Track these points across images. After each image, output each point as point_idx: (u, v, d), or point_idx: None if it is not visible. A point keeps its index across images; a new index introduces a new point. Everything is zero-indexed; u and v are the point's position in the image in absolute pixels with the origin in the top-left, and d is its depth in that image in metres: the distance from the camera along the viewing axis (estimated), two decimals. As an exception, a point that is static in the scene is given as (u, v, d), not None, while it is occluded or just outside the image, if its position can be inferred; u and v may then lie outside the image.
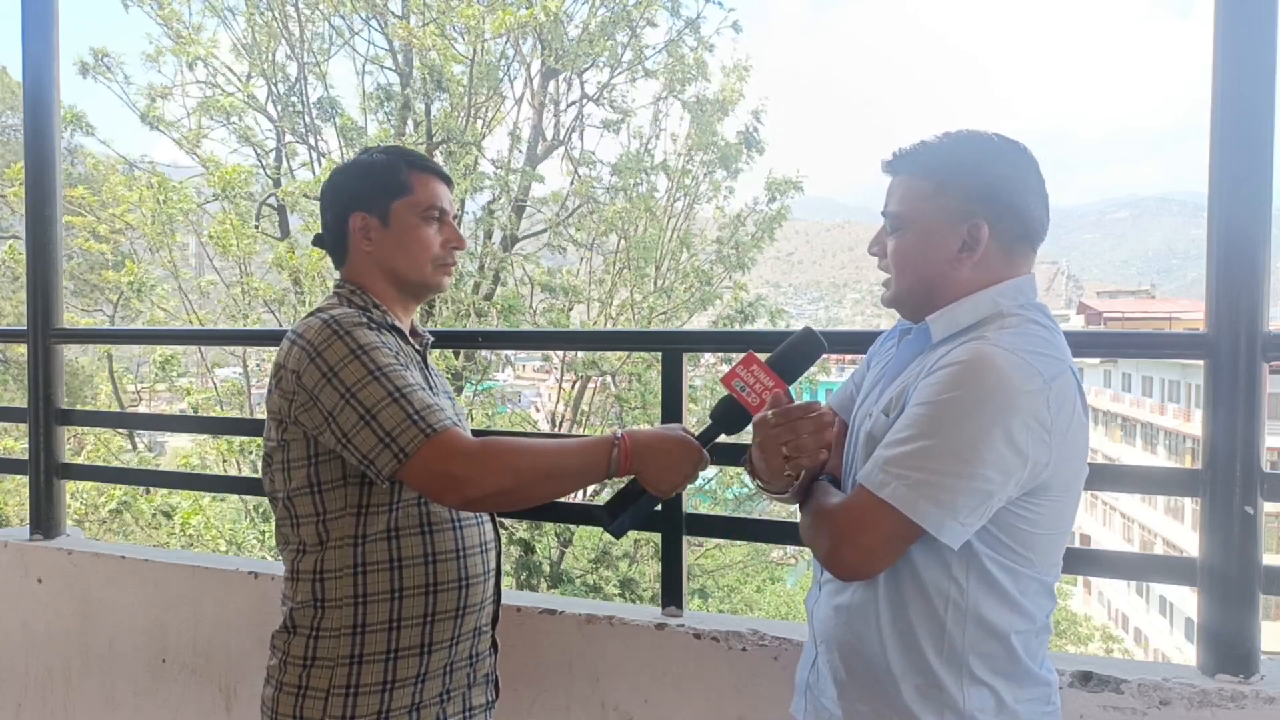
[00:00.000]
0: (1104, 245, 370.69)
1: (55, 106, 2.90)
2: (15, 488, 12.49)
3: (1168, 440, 33.64)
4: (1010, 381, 1.18)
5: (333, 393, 1.42)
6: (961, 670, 1.25)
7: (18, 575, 2.81)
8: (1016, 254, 1.33)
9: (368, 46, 11.04)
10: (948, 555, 1.23)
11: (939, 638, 1.25)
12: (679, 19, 11.02)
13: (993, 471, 1.16)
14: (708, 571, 11.58)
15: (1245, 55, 1.68)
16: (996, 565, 1.24)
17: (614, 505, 1.45)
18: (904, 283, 1.36)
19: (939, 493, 1.16)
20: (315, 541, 1.52)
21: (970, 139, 1.33)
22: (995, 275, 1.31)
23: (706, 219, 11.67)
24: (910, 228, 1.33)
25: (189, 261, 11.24)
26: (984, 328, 1.28)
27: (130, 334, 7.81)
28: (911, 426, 1.21)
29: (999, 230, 1.30)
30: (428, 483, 1.42)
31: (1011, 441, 1.17)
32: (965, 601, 1.24)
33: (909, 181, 1.35)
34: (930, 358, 1.28)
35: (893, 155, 1.38)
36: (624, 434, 1.44)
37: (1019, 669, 1.27)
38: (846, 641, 1.34)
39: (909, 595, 1.27)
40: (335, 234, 1.65)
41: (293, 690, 1.51)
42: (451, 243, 1.66)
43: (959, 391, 1.18)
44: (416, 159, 1.66)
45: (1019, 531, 1.23)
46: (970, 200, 1.29)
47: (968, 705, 1.24)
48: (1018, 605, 1.26)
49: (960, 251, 1.30)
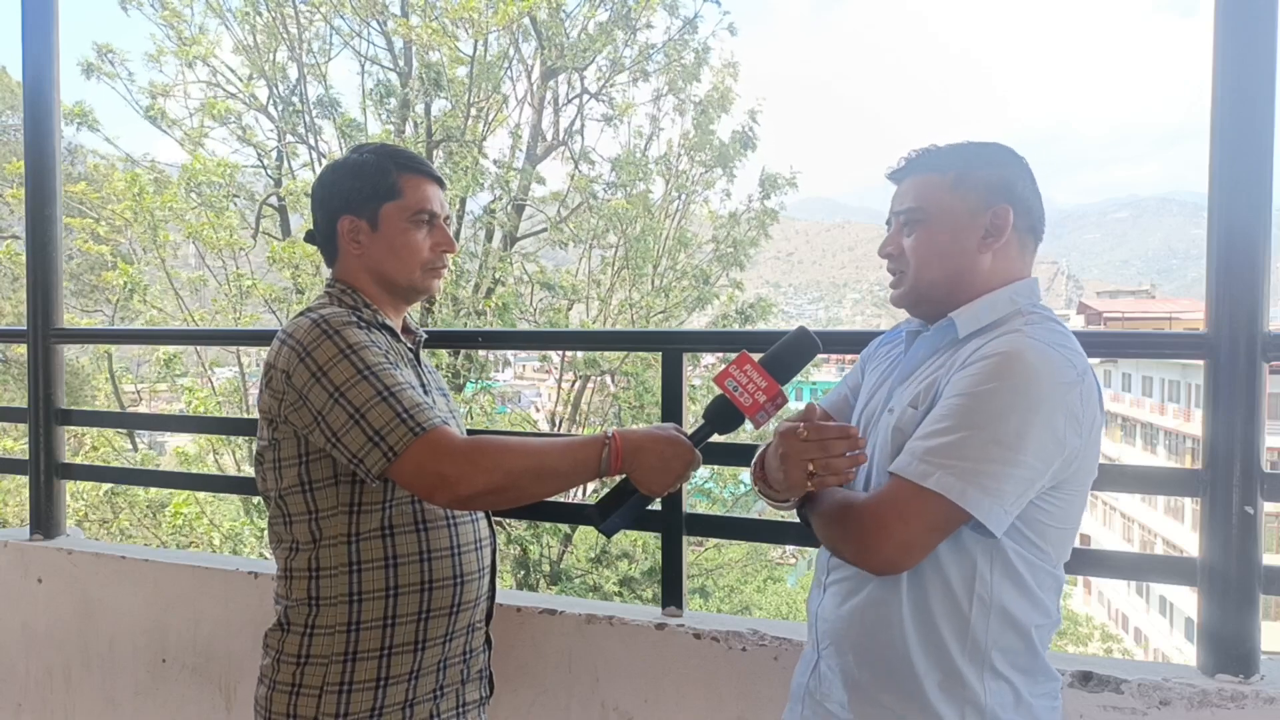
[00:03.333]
0: (1104, 245, 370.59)
1: (55, 106, 2.90)
2: (15, 487, 12.49)
3: (1168, 440, 33.65)
4: (1049, 373, 1.21)
5: (322, 392, 1.42)
6: (984, 665, 1.26)
7: (18, 575, 2.81)
8: (1028, 248, 1.37)
9: (368, 46, 11.06)
10: (974, 548, 1.25)
11: (963, 632, 1.26)
12: (677, 19, 11.05)
13: (1035, 460, 1.19)
14: (707, 571, 11.58)
15: (1246, 55, 1.67)
16: (1019, 558, 1.26)
17: (605, 505, 1.44)
18: (927, 276, 1.36)
19: (986, 480, 1.17)
20: (308, 540, 1.52)
21: (977, 142, 1.37)
22: (1010, 269, 1.35)
23: (704, 218, 11.68)
24: (932, 220, 1.35)
25: (188, 261, 11.24)
26: (1007, 324, 1.30)
27: (130, 334, 7.81)
28: (951, 417, 1.21)
29: (1018, 217, 1.34)
30: (417, 482, 1.41)
31: (1052, 430, 1.19)
32: (990, 595, 1.25)
33: (925, 179, 1.36)
34: (961, 352, 1.29)
35: (902, 161, 1.40)
36: (615, 434, 1.43)
37: (1036, 664, 1.29)
38: (862, 642, 1.33)
39: (932, 590, 1.27)
40: (325, 235, 1.64)
41: (286, 688, 1.51)
42: (441, 246, 1.64)
43: (1001, 382, 1.20)
44: (406, 159, 1.63)
45: (1040, 525, 1.25)
46: (990, 190, 1.33)
47: (989, 700, 1.26)
48: (1037, 599, 1.28)
49: (985, 238, 1.33)
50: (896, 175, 1.41)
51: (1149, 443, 35.07)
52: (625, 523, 1.44)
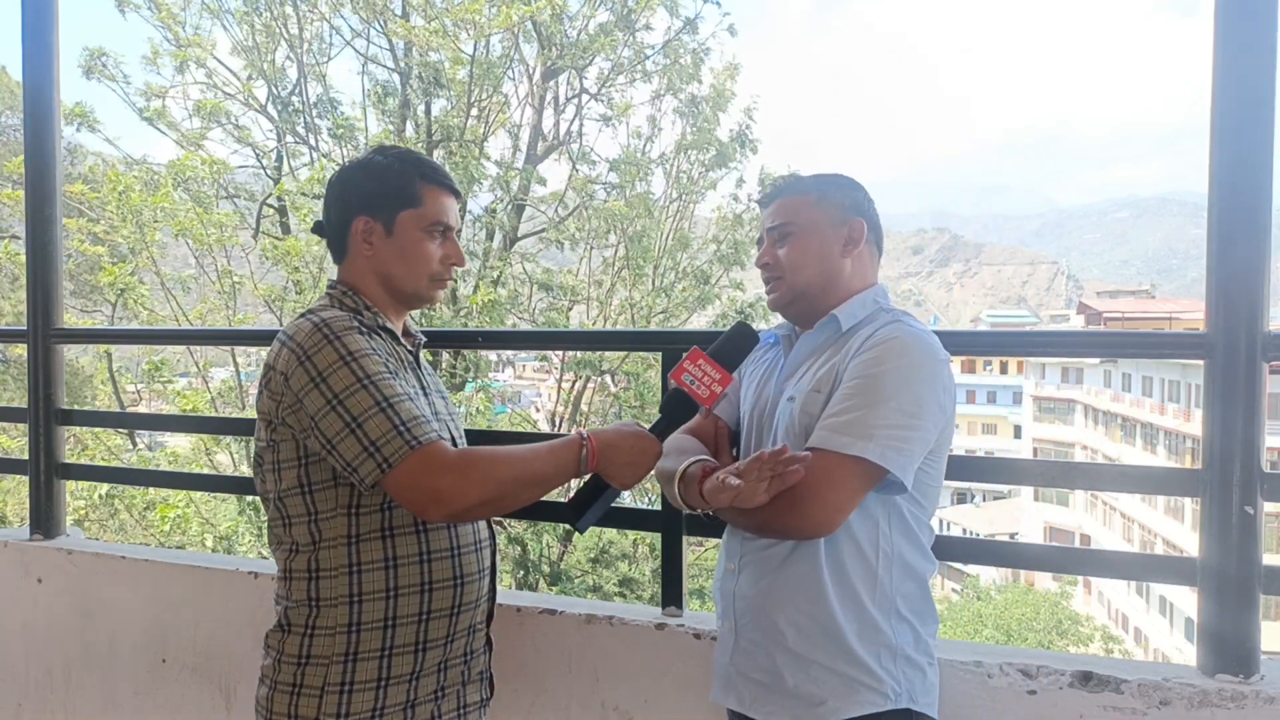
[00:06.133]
0: (1104, 245, 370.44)
1: (55, 106, 2.90)
2: (15, 487, 12.49)
3: (1168, 440, 33.64)
4: (933, 352, 1.46)
5: (319, 398, 1.42)
6: (890, 611, 1.47)
7: (18, 575, 2.81)
8: (875, 259, 1.64)
9: (367, 46, 11.06)
10: (875, 509, 1.46)
11: (872, 584, 1.47)
12: (677, 18, 11.04)
13: (930, 424, 1.42)
14: (708, 571, 11.57)
15: (1245, 55, 1.68)
16: (909, 515, 1.48)
17: (579, 502, 1.51)
18: (801, 278, 1.58)
19: (899, 443, 1.38)
20: (308, 541, 1.52)
21: (830, 174, 1.63)
22: (865, 275, 1.61)
23: (704, 218, 11.68)
24: (801, 231, 1.58)
25: (188, 262, 11.23)
26: (876, 319, 1.54)
27: (130, 334, 7.80)
28: (860, 394, 1.41)
29: (869, 230, 1.60)
30: (410, 495, 1.41)
31: (937, 399, 1.44)
32: (891, 549, 1.47)
33: (793, 199, 1.61)
34: (851, 342, 1.50)
35: (771, 188, 1.64)
36: (589, 434, 1.48)
37: (927, 607, 1.52)
38: (789, 606, 1.48)
39: (846, 549, 1.47)
40: (337, 232, 1.64)
41: (287, 689, 1.51)
42: (451, 259, 1.65)
43: (897, 360, 1.42)
44: (430, 170, 1.64)
45: (921, 484, 1.47)
46: (845, 208, 1.60)
47: (897, 640, 1.47)
48: (924, 549, 1.51)
49: (845, 246, 1.58)
50: (767, 199, 1.65)
51: (1149, 443, 35.05)
52: (597, 518, 1.53)
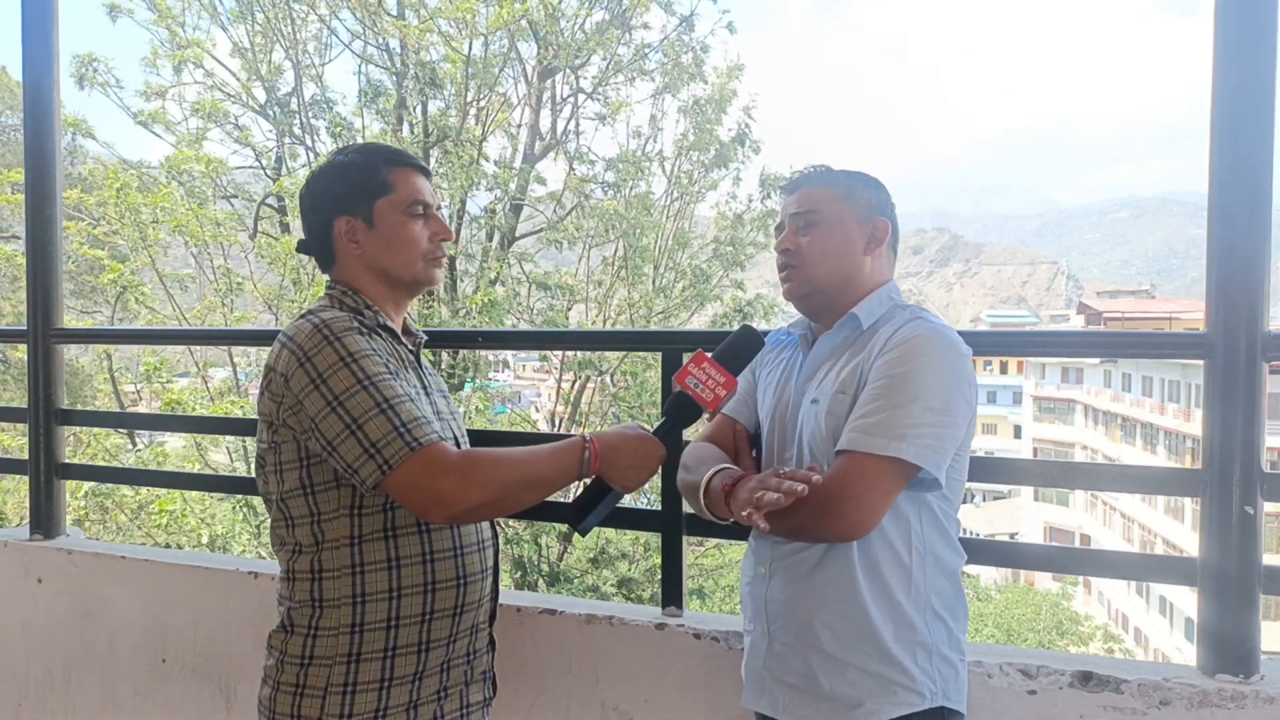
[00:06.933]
0: (1104, 245, 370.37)
1: (55, 108, 2.90)
2: (15, 487, 12.49)
3: (1168, 440, 33.63)
4: (956, 347, 1.45)
5: (319, 399, 1.42)
6: (925, 608, 1.45)
7: (18, 575, 2.81)
8: (891, 259, 1.62)
9: (363, 46, 11.05)
10: (906, 507, 1.44)
11: (907, 582, 1.45)
12: (674, 16, 11.04)
13: (960, 419, 1.41)
14: (707, 571, 11.57)
15: (1245, 55, 1.68)
16: (939, 510, 1.47)
17: (581, 505, 1.50)
18: (820, 272, 1.55)
19: (932, 440, 1.37)
20: (311, 542, 1.52)
21: (857, 170, 1.61)
22: (882, 273, 1.59)
23: (704, 218, 11.68)
24: (827, 223, 1.55)
25: (187, 261, 11.23)
26: (896, 316, 1.52)
27: (130, 334, 7.79)
28: (888, 394, 1.39)
29: (891, 233, 1.58)
30: (411, 497, 1.41)
31: (965, 395, 1.43)
32: (924, 546, 1.46)
33: (821, 188, 1.58)
34: (875, 340, 1.48)
35: (800, 174, 1.61)
36: (592, 437, 1.48)
37: (959, 602, 1.50)
38: (825, 608, 1.46)
39: (880, 549, 1.44)
40: (320, 239, 1.64)
41: (290, 689, 1.51)
42: (439, 235, 1.65)
43: (923, 359, 1.40)
44: (393, 154, 1.64)
45: (948, 477, 1.43)
46: (872, 206, 1.58)
47: (933, 638, 1.45)
48: (953, 543, 1.50)
49: (868, 244, 1.56)
50: (793, 185, 1.61)
51: (1149, 443, 35.05)
52: (599, 520, 1.52)
